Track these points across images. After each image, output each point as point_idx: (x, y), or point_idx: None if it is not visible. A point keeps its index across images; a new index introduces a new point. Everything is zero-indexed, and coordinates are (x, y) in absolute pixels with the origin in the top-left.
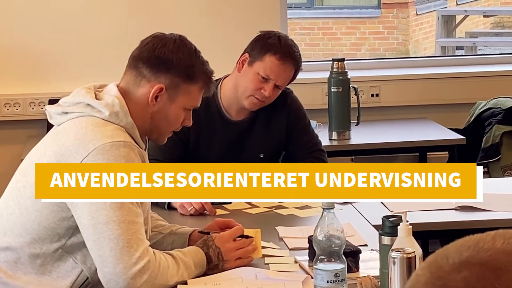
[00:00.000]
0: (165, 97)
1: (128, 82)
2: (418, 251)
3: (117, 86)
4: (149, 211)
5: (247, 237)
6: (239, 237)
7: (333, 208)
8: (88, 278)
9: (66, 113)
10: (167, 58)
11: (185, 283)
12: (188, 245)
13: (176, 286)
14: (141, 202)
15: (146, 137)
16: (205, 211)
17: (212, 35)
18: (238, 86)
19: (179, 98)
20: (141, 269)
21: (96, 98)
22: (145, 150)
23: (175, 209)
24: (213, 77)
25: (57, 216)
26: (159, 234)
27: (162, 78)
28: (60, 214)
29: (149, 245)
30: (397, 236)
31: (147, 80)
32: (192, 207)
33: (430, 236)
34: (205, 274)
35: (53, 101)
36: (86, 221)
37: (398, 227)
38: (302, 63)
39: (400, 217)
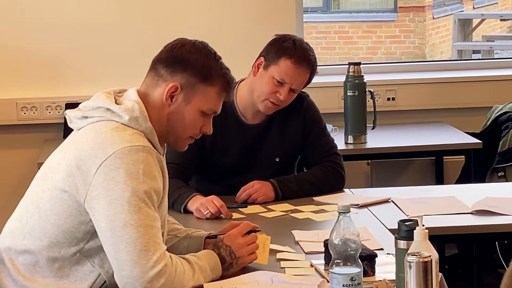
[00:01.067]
0: (181, 97)
1: (147, 84)
2: (435, 255)
3: (137, 92)
4: (166, 215)
5: (255, 231)
6: (247, 233)
7: (349, 212)
8: (105, 281)
9: (86, 117)
10: (184, 57)
11: (201, 287)
12: (203, 249)
13: None
14: (158, 206)
15: (165, 144)
16: (221, 215)
17: (228, 39)
18: (253, 89)
19: (195, 99)
20: (158, 273)
21: (116, 103)
22: (163, 155)
23: (191, 213)
24: (232, 84)
25: (76, 220)
26: (174, 238)
27: (178, 77)
28: (78, 218)
29: (166, 249)
30: (413, 240)
31: (163, 79)
32: (208, 211)
33: (447, 240)
34: (221, 275)
35: (70, 105)
36: (104, 224)
37: (414, 231)
38: (318, 67)
39: (416, 221)
